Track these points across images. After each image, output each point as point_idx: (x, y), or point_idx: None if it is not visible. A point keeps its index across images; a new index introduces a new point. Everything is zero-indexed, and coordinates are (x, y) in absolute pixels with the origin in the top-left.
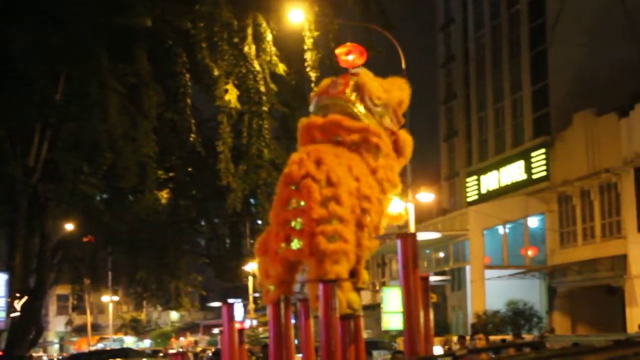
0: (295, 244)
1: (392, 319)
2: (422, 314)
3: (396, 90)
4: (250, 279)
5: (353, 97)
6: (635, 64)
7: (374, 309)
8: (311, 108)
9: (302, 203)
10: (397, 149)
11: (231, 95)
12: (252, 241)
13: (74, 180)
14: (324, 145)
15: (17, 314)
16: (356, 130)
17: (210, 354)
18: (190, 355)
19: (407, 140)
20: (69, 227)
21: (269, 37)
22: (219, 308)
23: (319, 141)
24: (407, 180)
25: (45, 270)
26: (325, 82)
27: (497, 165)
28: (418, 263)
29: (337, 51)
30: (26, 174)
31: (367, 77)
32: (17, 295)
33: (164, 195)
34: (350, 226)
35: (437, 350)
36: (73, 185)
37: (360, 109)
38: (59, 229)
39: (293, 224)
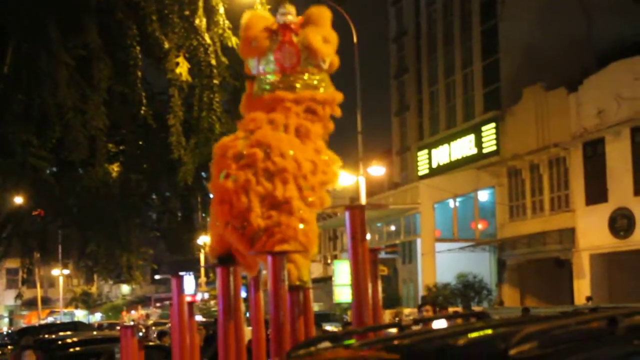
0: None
1: (343, 291)
2: (370, 286)
3: (329, 31)
4: (202, 252)
5: (310, 67)
6: (585, 40)
7: (325, 281)
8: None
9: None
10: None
11: (182, 69)
12: (203, 215)
13: (23, 153)
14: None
15: None
16: (301, 101)
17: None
18: (142, 328)
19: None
20: (19, 200)
21: (221, 9)
22: (170, 281)
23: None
24: (359, 154)
25: None
26: (264, 39)
27: (448, 140)
28: (366, 235)
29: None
30: None
31: (312, 35)
32: None
33: (114, 168)
34: (294, 212)
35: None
36: (22, 159)
37: (315, 76)
38: (8, 202)
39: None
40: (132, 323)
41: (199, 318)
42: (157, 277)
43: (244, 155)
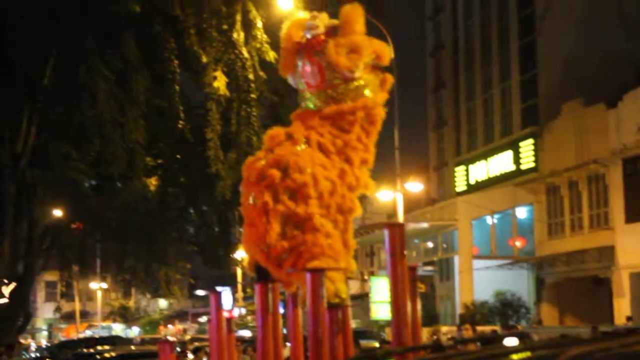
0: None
1: (381, 308)
2: (409, 304)
3: (355, 34)
4: (239, 267)
5: (336, 81)
6: (624, 55)
7: (362, 298)
8: (298, 87)
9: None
10: (380, 57)
11: (220, 83)
12: (240, 229)
13: (63, 166)
14: (268, 170)
15: (5, 300)
16: (327, 116)
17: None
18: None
19: (382, 47)
20: (58, 213)
21: (259, 24)
22: (207, 296)
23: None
24: (396, 170)
25: (33, 256)
26: (293, 56)
27: (485, 155)
28: (405, 253)
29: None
30: (14, 159)
31: (332, 52)
32: (5, 281)
33: (152, 182)
34: (323, 227)
35: (512, 341)
36: (61, 171)
37: (353, 83)
38: (48, 215)
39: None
40: (172, 338)
41: (247, 333)
42: (197, 292)
43: (264, 177)
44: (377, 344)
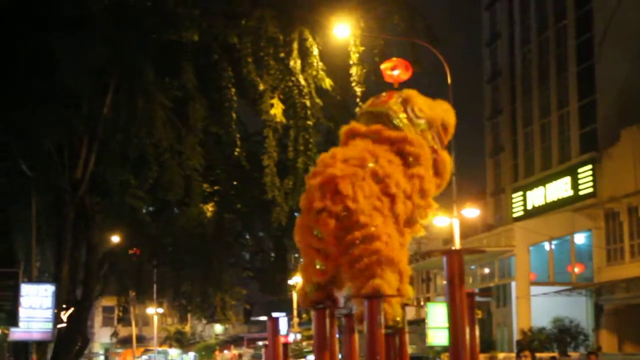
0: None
1: (437, 334)
2: (467, 330)
3: (440, 111)
4: (294, 292)
5: (396, 107)
6: None
7: (418, 324)
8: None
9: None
10: (436, 169)
11: (277, 110)
12: (296, 255)
13: (121, 192)
14: (346, 160)
15: (64, 325)
16: (394, 140)
17: None
18: None
19: (446, 161)
20: (116, 239)
21: (315, 51)
22: (263, 321)
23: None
24: (452, 196)
25: (91, 281)
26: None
27: (543, 181)
28: (464, 280)
29: (383, 66)
30: (73, 185)
31: (413, 92)
32: (64, 306)
33: (209, 208)
34: (382, 237)
35: None
36: (120, 198)
37: (401, 118)
38: (106, 240)
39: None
40: None
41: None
42: (252, 318)
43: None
44: None
